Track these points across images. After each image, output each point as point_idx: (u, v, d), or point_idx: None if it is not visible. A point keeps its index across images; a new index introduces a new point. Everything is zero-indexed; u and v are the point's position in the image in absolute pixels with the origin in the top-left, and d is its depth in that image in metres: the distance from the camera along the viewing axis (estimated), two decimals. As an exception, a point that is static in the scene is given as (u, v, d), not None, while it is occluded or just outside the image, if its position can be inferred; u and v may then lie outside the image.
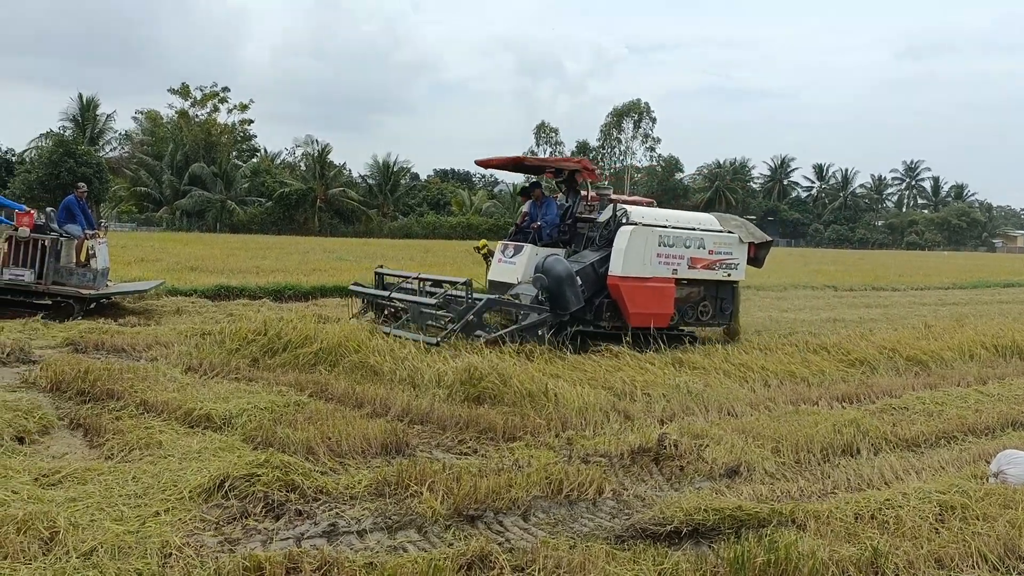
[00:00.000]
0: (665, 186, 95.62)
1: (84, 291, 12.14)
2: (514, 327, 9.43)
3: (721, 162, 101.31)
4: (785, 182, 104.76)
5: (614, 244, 10.49)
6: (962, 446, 6.78)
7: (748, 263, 11.97)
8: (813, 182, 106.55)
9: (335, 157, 74.84)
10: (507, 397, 7.31)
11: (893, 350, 10.61)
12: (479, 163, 13.19)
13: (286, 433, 5.96)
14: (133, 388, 7.21)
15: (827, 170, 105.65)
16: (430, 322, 9.74)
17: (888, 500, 4.86)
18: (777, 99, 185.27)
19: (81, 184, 14.58)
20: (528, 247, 11.00)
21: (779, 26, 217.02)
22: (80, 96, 63.46)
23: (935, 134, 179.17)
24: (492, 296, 9.94)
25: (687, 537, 4.55)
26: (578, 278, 10.06)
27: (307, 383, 7.81)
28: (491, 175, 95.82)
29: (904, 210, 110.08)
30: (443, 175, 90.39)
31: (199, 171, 63.81)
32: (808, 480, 5.77)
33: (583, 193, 12.03)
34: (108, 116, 65.79)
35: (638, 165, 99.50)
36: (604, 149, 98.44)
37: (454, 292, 10.08)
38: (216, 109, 69.93)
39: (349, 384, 7.72)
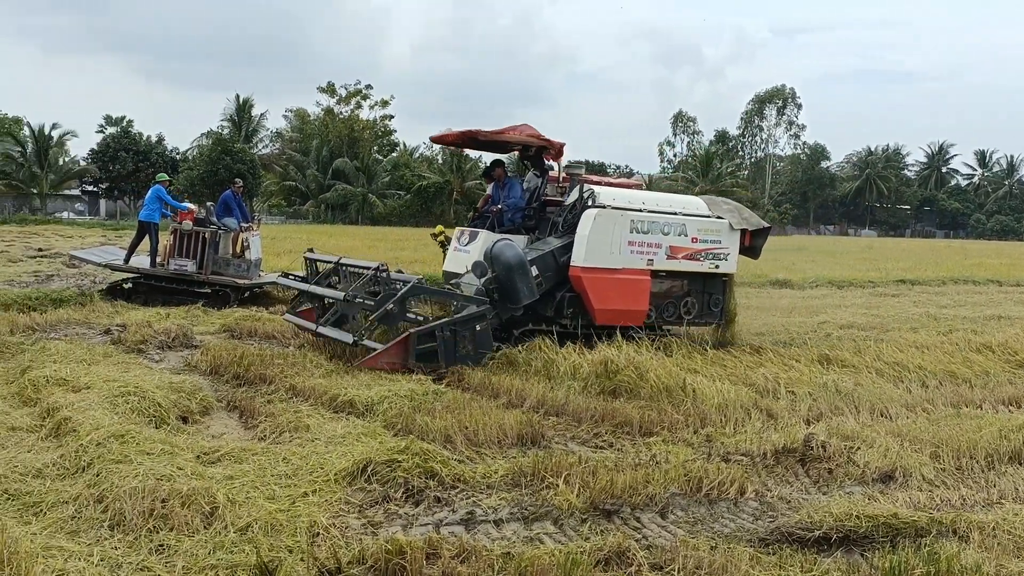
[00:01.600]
0: (810, 175, 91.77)
1: (240, 280, 12.91)
2: (443, 320, 8.13)
3: (872, 149, 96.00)
4: (944, 170, 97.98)
5: (577, 230, 9.21)
6: None
7: (742, 253, 10.53)
8: (975, 170, 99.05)
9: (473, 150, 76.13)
10: (643, 391, 7.20)
11: (1068, 351, 9.71)
12: (433, 139, 12.12)
13: (425, 421, 6.10)
14: (283, 373, 7.58)
15: (990, 157, 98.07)
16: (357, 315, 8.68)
17: (1066, 515, 4.44)
18: (934, 82, 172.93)
19: (237, 180, 15.47)
20: (484, 233, 9.70)
21: (936, 4, 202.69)
22: (237, 97, 67.49)
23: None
24: (416, 281, 8.51)
25: (837, 544, 4.31)
26: (533, 267, 8.83)
27: (445, 372, 7.98)
28: (626, 166, 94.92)
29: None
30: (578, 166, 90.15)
31: (342, 166, 66.53)
32: (971, 489, 5.35)
33: (552, 173, 10.67)
34: (261, 115, 69.80)
35: (781, 154, 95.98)
36: (744, 137, 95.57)
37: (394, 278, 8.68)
38: (359, 106, 72.64)
39: (485, 375, 7.82)
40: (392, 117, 77.12)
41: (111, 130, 62.67)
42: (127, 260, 13.15)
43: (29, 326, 10.02)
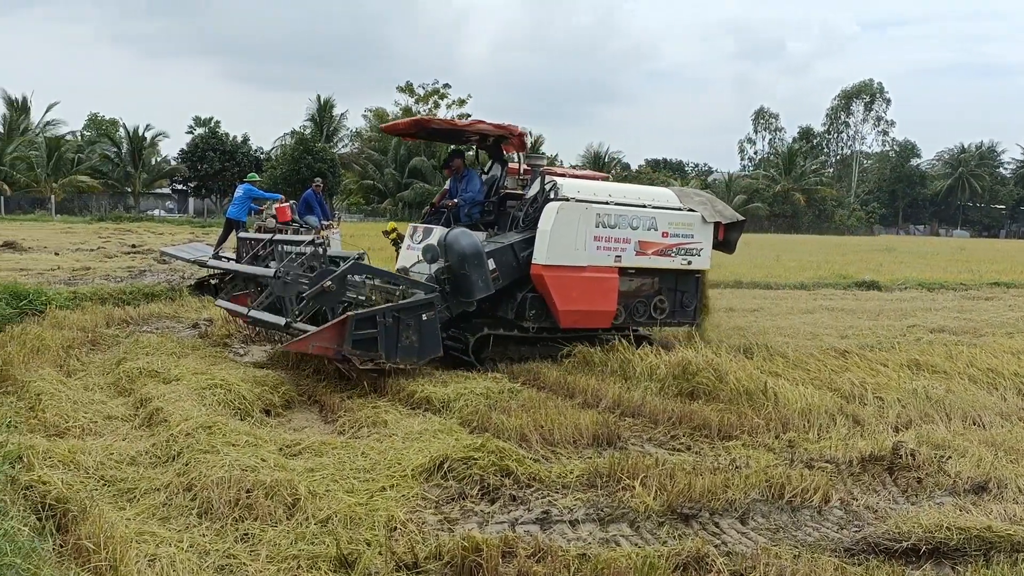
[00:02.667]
0: (899, 173, 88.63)
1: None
2: (387, 305, 7.26)
3: (965, 146, 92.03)
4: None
5: (538, 225, 8.48)
6: None
7: (716, 248, 9.81)
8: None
9: (548, 148, 76.13)
10: (723, 394, 7.06)
11: None
12: (383, 128, 11.42)
13: (500, 419, 6.11)
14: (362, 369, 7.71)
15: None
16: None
17: None
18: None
19: (317, 179, 15.85)
20: (439, 230, 8.90)
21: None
22: (318, 97, 69.13)
23: None
24: (356, 257, 7.83)
25: (927, 556, 4.14)
26: (490, 260, 8.10)
27: (520, 371, 7.99)
28: (704, 164, 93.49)
29: None
30: (654, 164, 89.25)
31: (419, 164, 67.38)
32: (1073, 503, 5.07)
33: (512, 165, 9.92)
34: (341, 115, 71.28)
35: (868, 151, 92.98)
36: (830, 134, 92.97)
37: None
38: (437, 105, 73.47)
39: (560, 374, 7.79)
40: (469, 116, 77.86)
41: (200, 131, 65.00)
42: (215, 256, 13.60)
43: (123, 319, 10.50)
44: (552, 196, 8.66)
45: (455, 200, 9.40)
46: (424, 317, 7.37)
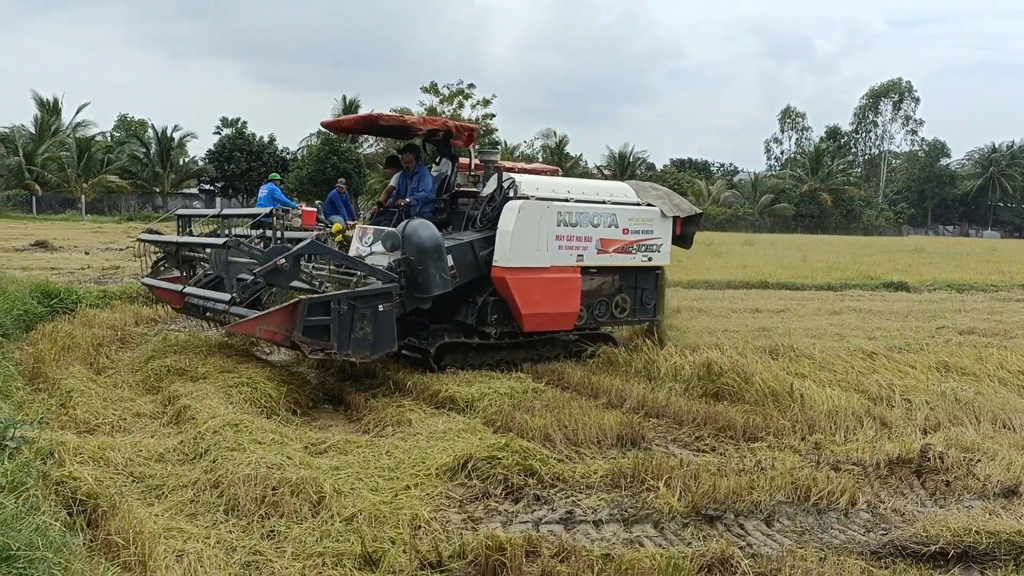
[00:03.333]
0: (928, 173, 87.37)
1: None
2: (342, 292, 6.80)
3: (996, 145, 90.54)
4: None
5: (499, 224, 8.06)
6: None
7: (673, 243, 9.50)
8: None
9: (573, 148, 76.12)
10: (748, 395, 7.01)
11: None
12: (324, 125, 10.53)
13: (524, 419, 6.12)
14: (386, 368, 7.75)
15: None
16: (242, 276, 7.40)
17: None
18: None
19: (342, 179, 15.92)
20: (390, 231, 8.23)
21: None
22: (343, 98, 69.40)
23: None
24: (314, 237, 7.41)
25: (955, 560, 4.10)
26: (449, 256, 7.63)
27: (544, 371, 7.99)
28: (730, 163, 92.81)
29: None
30: (679, 164, 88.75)
31: (443, 164, 67.57)
32: (1107, 508, 4.98)
33: (464, 160, 9.55)
34: (367, 115, 71.39)
35: (896, 150, 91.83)
36: (858, 134, 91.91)
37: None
38: (461, 105, 73.62)
39: (585, 374, 7.79)
40: (493, 116, 77.79)
41: (227, 131, 65.57)
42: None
43: (152, 318, 10.64)
44: (512, 194, 8.32)
45: (407, 199, 9.01)
46: (380, 308, 6.92)
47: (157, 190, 58.92)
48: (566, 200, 8.52)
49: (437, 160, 9.73)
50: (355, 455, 5.28)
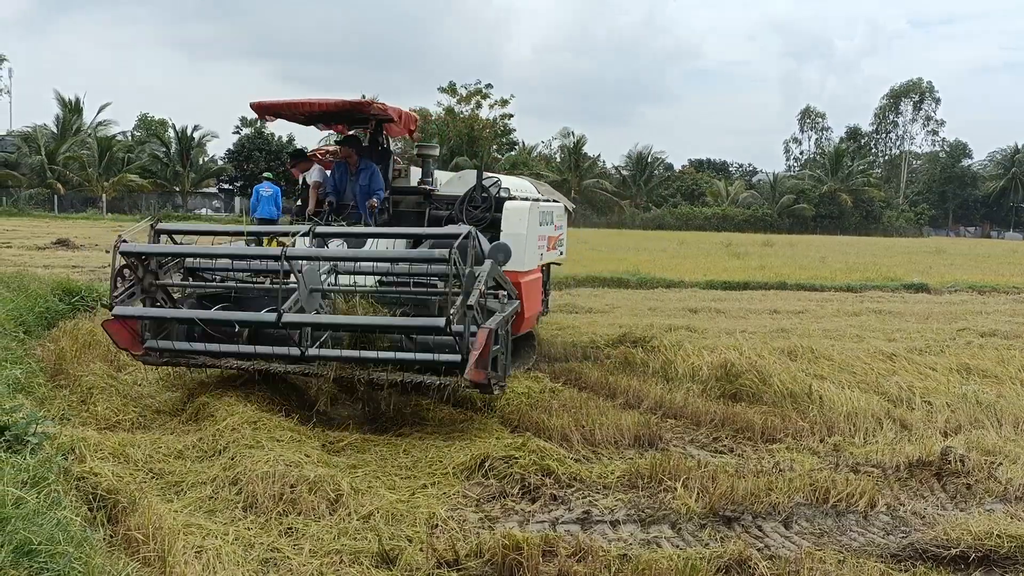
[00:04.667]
0: (949, 174, 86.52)
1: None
2: (502, 315, 5.97)
3: (1019, 147, 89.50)
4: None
5: (504, 227, 7.63)
6: None
7: None
8: None
9: (591, 149, 75.92)
10: (766, 396, 6.98)
11: None
12: (253, 106, 8.04)
13: (541, 419, 6.12)
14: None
15: None
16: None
17: None
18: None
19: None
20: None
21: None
22: (363, 97, 69.68)
23: None
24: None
25: (976, 564, 4.05)
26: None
27: (561, 371, 7.98)
28: (749, 164, 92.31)
29: None
30: (698, 165, 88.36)
31: (462, 164, 67.64)
32: None
33: (390, 147, 9.04)
34: (386, 115, 71.57)
35: (917, 151, 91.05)
36: (878, 134, 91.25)
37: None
38: (479, 105, 73.62)
39: (602, 374, 7.77)
40: (511, 116, 77.80)
41: (246, 131, 65.96)
42: None
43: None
44: (503, 195, 8.10)
45: (374, 201, 8.07)
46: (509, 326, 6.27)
47: (177, 189, 59.38)
48: (537, 200, 8.61)
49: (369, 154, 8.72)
50: (372, 453, 5.31)
